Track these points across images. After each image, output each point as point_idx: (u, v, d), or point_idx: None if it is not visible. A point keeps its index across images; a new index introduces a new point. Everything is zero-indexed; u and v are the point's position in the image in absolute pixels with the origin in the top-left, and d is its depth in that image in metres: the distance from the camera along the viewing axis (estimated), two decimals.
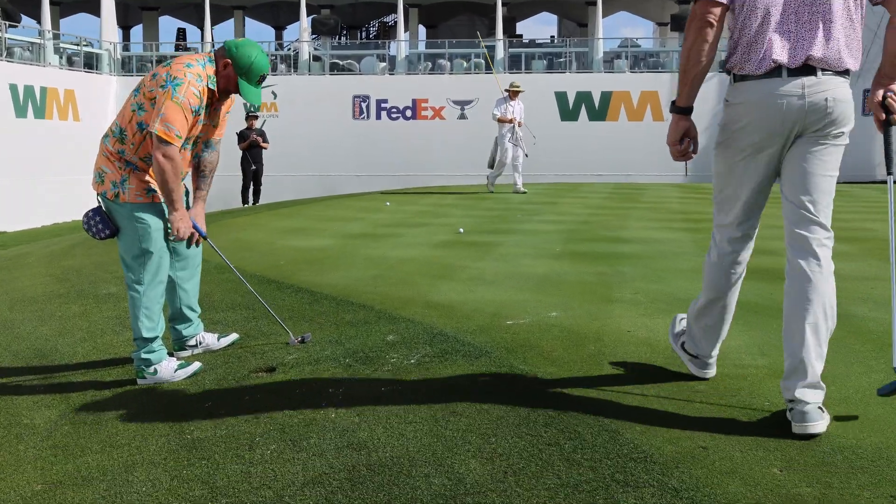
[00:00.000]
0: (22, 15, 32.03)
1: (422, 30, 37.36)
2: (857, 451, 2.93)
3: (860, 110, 26.50)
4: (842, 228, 9.28)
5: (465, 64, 28.56)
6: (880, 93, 3.26)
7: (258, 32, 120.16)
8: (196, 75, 4.02)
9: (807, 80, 3.15)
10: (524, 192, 15.10)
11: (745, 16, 3.17)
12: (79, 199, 27.37)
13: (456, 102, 27.28)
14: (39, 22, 28.12)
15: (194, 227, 4.25)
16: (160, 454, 3.26)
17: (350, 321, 5.01)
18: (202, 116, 4.11)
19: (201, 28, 31.36)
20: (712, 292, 3.49)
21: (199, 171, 4.44)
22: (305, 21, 30.28)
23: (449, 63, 28.65)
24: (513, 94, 15.07)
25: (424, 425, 3.29)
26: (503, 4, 29.52)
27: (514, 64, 28.44)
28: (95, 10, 31.27)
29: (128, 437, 3.46)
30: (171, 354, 4.38)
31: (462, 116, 27.24)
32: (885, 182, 3.96)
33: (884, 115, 3.29)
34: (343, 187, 25.45)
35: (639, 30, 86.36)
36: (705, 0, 3.15)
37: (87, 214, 4.18)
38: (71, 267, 8.01)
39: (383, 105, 27.59)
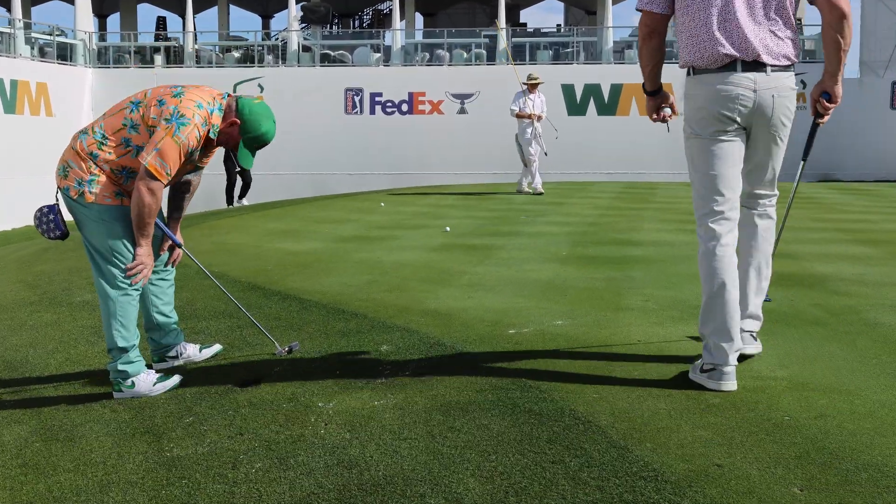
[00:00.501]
0: None
1: (419, 18, 37.40)
2: (882, 470, 2.93)
3: (888, 104, 26.60)
4: (865, 231, 9.31)
5: (465, 55, 28.55)
6: (817, 92, 4.02)
7: (244, 21, 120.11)
8: (203, 119, 4.04)
9: (759, 75, 3.82)
10: (541, 194, 14.91)
11: (690, 17, 3.86)
12: (51, 200, 27.37)
13: (455, 96, 27.28)
14: (9, 10, 28.15)
15: (171, 238, 4.34)
16: (137, 473, 3.26)
17: (341, 330, 5.01)
18: (194, 157, 4.15)
19: (183, 17, 31.40)
20: (709, 287, 3.84)
21: (180, 192, 4.46)
22: (294, 9, 30.28)
23: (448, 54, 28.64)
24: (531, 86, 14.77)
25: (420, 442, 3.29)
26: None
27: (517, 54, 28.43)
28: None
29: (103, 455, 3.45)
30: (149, 366, 4.38)
31: (462, 111, 27.24)
32: None
33: (814, 114, 4.07)
34: (335, 187, 25.47)
35: None
36: (645, 12, 3.93)
37: (40, 210, 4.19)
38: (43, 272, 8.01)
39: (377, 99, 27.61)
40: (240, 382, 4.19)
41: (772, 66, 3.83)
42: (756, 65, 3.82)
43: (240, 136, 4.13)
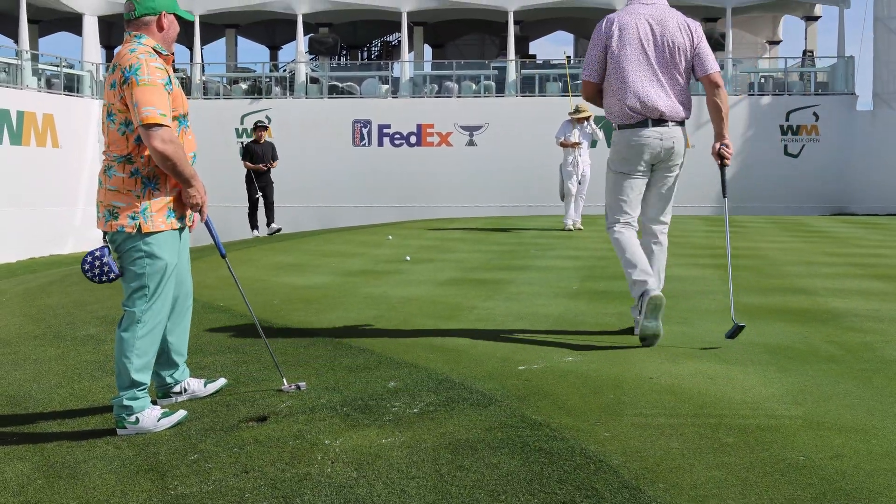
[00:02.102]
0: None
1: (427, 50, 37.63)
2: None
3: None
4: (880, 265, 9.29)
5: (473, 86, 28.67)
6: (717, 145, 5.47)
7: (252, 52, 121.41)
8: (146, 52, 4.08)
9: (663, 129, 5.35)
10: (580, 230, 14.37)
11: (614, 87, 5.39)
12: (57, 232, 27.56)
13: (464, 128, 27.40)
14: (17, 41, 28.44)
15: (218, 246, 4.65)
16: None
17: (348, 366, 5.01)
18: (174, 87, 4.16)
19: (190, 48, 31.66)
20: (623, 252, 5.48)
21: None
22: (302, 40, 30.55)
23: (457, 85, 28.77)
24: (577, 119, 14.36)
25: (428, 481, 3.28)
26: (515, 23, 29.72)
27: (526, 86, 28.59)
28: (77, 28, 31.68)
29: (106, 493, 3.45)
30: (153, 402, 4.38)
31: (471, 143, 27.35)
32: None
33: (719, 160, 5.51)
34: (342, 219, 25.52)
35: None
36: (585, 81, 5.59)
37: (92, 255, 4.17)
38: (47, 306, 8.04)
39: (386, 130, 27.75)
40: (245, 419, 4.18)
41: (671, 121, 5.35)
42: (660, 121, 5.33)
43: (173, 13, 4.23)
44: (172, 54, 4.36)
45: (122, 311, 4.24)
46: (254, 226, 16.61)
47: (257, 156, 16.18)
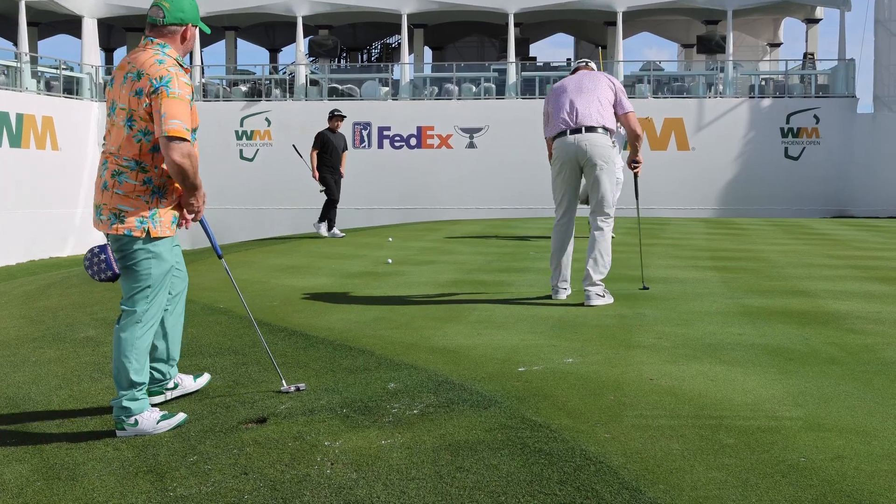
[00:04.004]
0: None
1: (427, 52, 37.67)
2: None
3: None
4: (881, 268, 9.29)
5: (473, 88, 28.69)
6: (630, 160, 7.49)
7: (252, 55, 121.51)
8: (174, 65, 4.10)
9: (577, 137, 6.83)
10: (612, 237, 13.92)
11: (551, 111, 7.08)
12: (57, 235, 27.53)
13: (464, 130, 27.43)
14: (16, 44, 28.43)
15: (214, 248, 4.66)
16: None
17: (348, 368, 5.01)
18: (193, 103, 4.20)
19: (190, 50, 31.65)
20: (554, 246, 7.16)
21: None
22: (302, 42, 30.57)
23: (457, 87, 28.79)
24: None
25: (428, 482, 3.28)
26: (515, 25, 29.76)
27: (527, 88, 28.61)
28: (76, 31, 31.68)
29: (105, 495, 3.45)
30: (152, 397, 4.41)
31: (471, 145, 27.37)
32: None
33: (632, 170, 7.52)
34: (342, 221, 25.44)
35: (662, 52, 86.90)
36: (547, 139, 7.15)
37: (92, 251, 4.15)
38: (46, 308, 8.04)
39: (386, 133, 27.76)
40: (245, 420, 4.18)
41: (586, 128, 6.79)
42: (577, 130, 6.81)
43: (195, 26, 4.28)
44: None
45: (118, 314, 4.25)
46: (331, 224, 14.74)
47: (332, 146, 14.41)
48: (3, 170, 24.69)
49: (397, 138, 27.78)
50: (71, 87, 28.67)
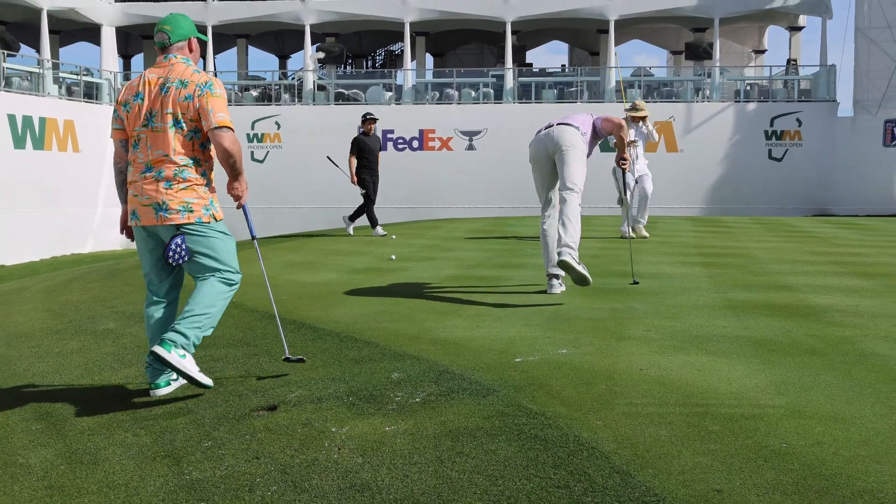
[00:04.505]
0: (21, 44, 32.38)
1: (429, 58, 37.66)
2: (877, 496, 2.91)
3: (881, 141, 26.63)
4: (859, 263, 9.30)
5: (473, 94, 28.70)
6: (617, 158, 7.81)
7: (262, 61, 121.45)
8: (208, 73, 4.60)
9: (547, 130, 7.07)
10: (644, 237, 12.83)
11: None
12: (78, 232, 27.52)
13: (464, 133, 27.43)
14: (38, 51, 28.44)
15: (250, 229, 5.05)
16: (158, 495, 3.27)
17: (354, 358, 5.02)
18: None
19: (203, 57, 31.64)
20: (543, 241, 7.17)
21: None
22: (310, 49, 30.55)
23: (457, 92, 28.81)
24: (634, 118, 12.40)
25: (430, 466, 3.29)
26: (513, 33, 29.76)
27: (524, 93, 28.61)
28: (96, 38, 31.64)
29: (125, 478, 3.46)
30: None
31: (470, 147, 27.37)
32: None
33: (620, 167, 7.76)
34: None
35: (653, 58, 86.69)
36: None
37: (174, 242, 4.43)
38: (69, 302, 8.05)
39: (389, 135, 27.73)
40: (256, 408, 4.20)
41: (557, 125, 7.02)
42: (549, 127, 7.07)
43: (192, 42, 4.68)
44: None
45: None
46: (374, 222, 14.28)
47: (368, 149, 14.12)
48: (27, 170, 24.71)
49: (400, 141, 27.79)
50: (91, 92, 28.68)
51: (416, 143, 27.77)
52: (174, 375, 4.60)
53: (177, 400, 4.46)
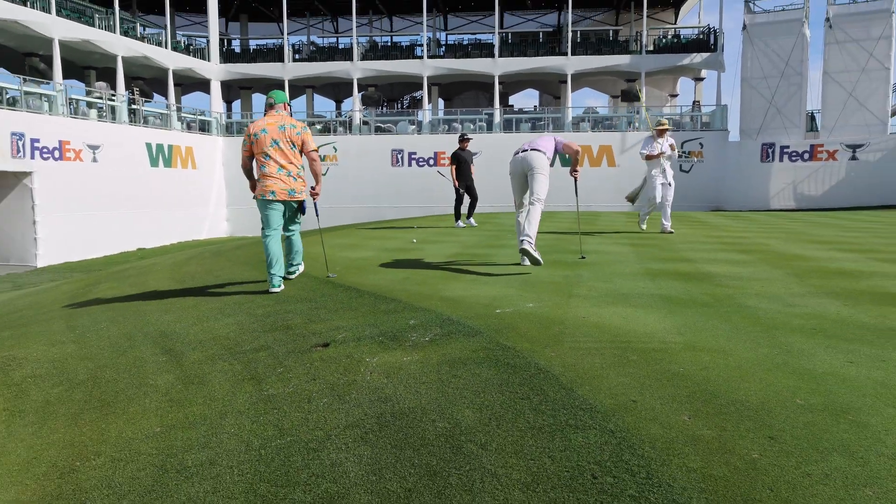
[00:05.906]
0: (154, 93, 32.37)
1: (440, 102, 37.41)
2: (745, 404, 2.92)
3: (759, 158, 26.38)
4: (741, 244, 9.22)
5: (472, 126, 28.63)
6: (571, 170, 7.36)
7: (323, 104, 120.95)
8: (300, 121, 5.80)
9: (524, 154, 6.74)
10: (671, 233, 11.09)
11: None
12: (196, 225, 27.50)
13: None
14: (166, 98, 28.37)
15: (313, 209, 6.49)
16: (245, 405, 3.29)
17: (384, 310, 5.01)
18: None
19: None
20: (518, 224, 6.81)
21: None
22: (357, 95, 30.42)
23: (460, 125, 28.72)
24: (660, 132, 10.73)
25: (433, 385, 3.30)
26: (500, 83, 29.59)
27: (507, 126, 28.46)
28: (206, 89, 31.58)
29: (222, 394, 3.48)
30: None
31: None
32: (771, 210, 5.04)
33: (572, 176, 7.48)
34: (384, 215, 25.50)
35: (598, 100, 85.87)
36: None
37: (303, 205, 5.91)
38: (188, 272, 8.07)
39: (413, 156, 27.68)
40: (315, 345, 4.21)
41: (531, 150, 6.73)
42: (524, 150, 6.78)
43: (286, 106, 5.95)
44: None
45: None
46: (457, 217, 13.38)
47: (462, 160, 13.13)
48: (161, 182, 24.82)
49: (421, 160, 27.71)
50: (204, 127, 28.63)
51: (431, 161, 27.69)
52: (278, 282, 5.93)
53: (258, 338, 4.48)
